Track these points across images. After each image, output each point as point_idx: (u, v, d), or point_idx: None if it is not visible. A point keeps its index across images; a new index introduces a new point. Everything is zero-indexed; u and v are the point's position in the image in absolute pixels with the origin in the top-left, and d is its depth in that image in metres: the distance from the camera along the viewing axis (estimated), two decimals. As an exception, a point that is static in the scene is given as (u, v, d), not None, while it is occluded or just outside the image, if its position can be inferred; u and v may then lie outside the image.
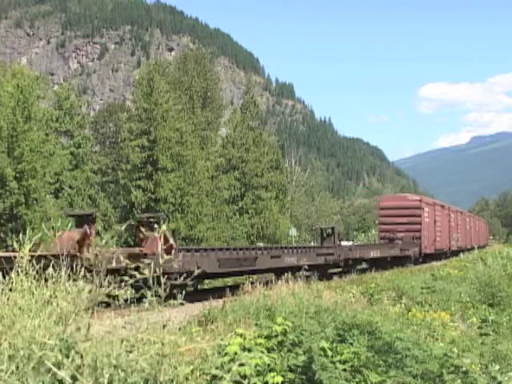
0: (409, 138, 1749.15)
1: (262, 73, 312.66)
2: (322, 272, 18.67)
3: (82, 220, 11.81)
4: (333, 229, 23.52)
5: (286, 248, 19.08)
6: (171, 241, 12.95)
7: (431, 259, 32.96)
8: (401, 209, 33.50)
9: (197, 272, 4.15)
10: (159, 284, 2.52)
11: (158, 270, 2.73)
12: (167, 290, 3.21)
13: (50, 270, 3.01)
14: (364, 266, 23.54)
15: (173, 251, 12.53)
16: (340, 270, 21.44)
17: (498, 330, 10.15)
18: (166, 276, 2.68)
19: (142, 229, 12.55)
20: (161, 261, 2.87)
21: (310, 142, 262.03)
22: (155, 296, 2.51)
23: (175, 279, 5.89)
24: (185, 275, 3.91)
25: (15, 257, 3.23)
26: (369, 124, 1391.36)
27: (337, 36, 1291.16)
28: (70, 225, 8.26)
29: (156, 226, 10.96)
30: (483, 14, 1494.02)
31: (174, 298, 2.80)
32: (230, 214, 42.16)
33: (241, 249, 16.80)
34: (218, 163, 43.37)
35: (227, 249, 16.43)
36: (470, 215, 56.98)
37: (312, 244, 48.36)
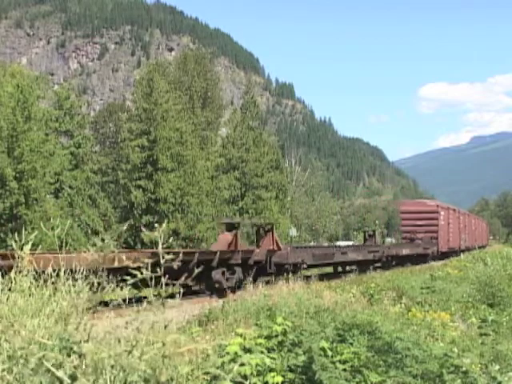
0: (409, 138, 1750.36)
1: (262, 73, 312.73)
2: (370, 266, 23.17)
3: (230, 226, 16.32)
4: (374, 231, 30.03)
5: (348, 247, 25.67)
6: (278, 241, 17.67)
7: (446, 257, 36.71)
8: (420, 213, 38.50)
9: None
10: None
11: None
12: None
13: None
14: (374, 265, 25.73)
15: (282, 247, 17.60)
16: (379, 264, 25.26)
17: (498, 329, 10.15)
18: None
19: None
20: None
21: (310, 142, 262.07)
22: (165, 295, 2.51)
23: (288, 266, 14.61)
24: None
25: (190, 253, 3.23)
26: (369, 124, 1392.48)
27: (337, 36, 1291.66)
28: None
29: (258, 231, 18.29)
30: (483, 14, 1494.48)
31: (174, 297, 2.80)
32: (230, 214, 42.14)
33: (324, 247, 25.06)
34: (218, 163, 43.35)
35: (316, 247, 24.45)
36: (475, 217, 61.84)
37: (312, 244, 49.03)
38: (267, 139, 52.01)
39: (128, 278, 2.40)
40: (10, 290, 3.13)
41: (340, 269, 22.99)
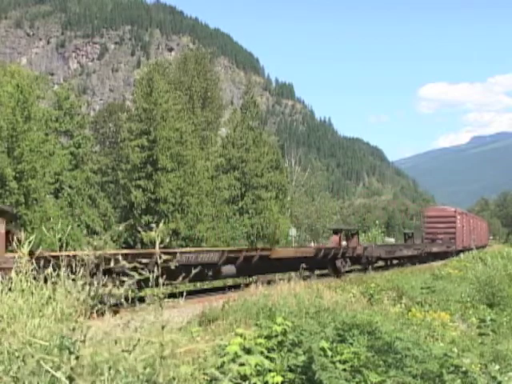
0: (409, 138, 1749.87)
1: (261, 73, 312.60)
2: (414, 261, 31.13)
3: (336, 231, 24.41)
4: (412, 233, 39.78)
5: (403, 245, 34.01)
6: (359, 241, 25.97)
7: (461, 253, 41.78)
8: (441, 217, 47.07)
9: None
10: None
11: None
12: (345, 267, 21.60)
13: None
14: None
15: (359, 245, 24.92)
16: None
17: (498, 330, 10.15)
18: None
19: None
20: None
21: (310, 142, 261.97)
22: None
23: (371, 258, 24.55)
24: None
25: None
26: (369, 124, 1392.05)
27: (337, 36, 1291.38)
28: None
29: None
30: (483, 14, 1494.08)
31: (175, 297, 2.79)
32: (229, 213, 42.13)
33: (389, 245, 34.01)
34: (218, 163, 43.33)
35: (385, 245, 32.95)
36: (479, 218, 69.59)
37: (312, 244, 49.16)
38: (267, 139, 51.99)
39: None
40: (10, 289, 3.12)
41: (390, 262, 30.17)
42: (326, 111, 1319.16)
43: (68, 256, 3.34)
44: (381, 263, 27.73)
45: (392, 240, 66.03)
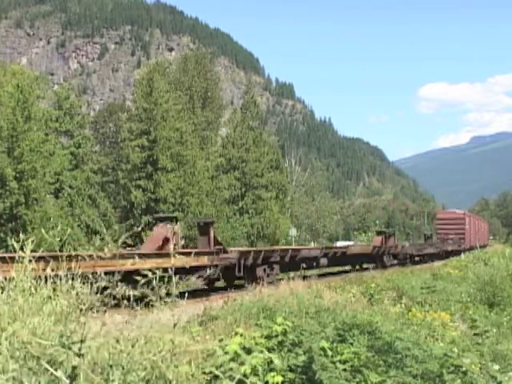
0: (409, 138, 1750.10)
1: (262, 73, 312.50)
2: (433, 258, 36.15)
3: (380, 233, 29.96)
4: (431, 234, 46.25)
5: (427, 244, 38.79)
6: (395, 240, 31.32)
7: (469, 251, 46.35)
8: (451, 219, 53.97)
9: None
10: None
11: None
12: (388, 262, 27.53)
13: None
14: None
15: (398, 245, 30.72)
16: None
17: (499, 329, 10.15)
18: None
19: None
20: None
21: (310, 142, 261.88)
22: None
23: (407, 255, 31.29)
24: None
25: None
26: (369, 124, 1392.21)
27: (337, 36, 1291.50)
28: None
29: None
30: (483, 13, 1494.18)
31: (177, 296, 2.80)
32: (230, 213, 42.13)
33: (419, 244, 39.13)
34: (218, 163, 43.34)
35: (416, 244, 38.87)
36: (481, 220, 75.54)
37: (312, 244, 49.27)
38: (267, 139, 52.01)
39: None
40: (10, 289, 3.12)
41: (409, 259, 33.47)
42: (326, 111, 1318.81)
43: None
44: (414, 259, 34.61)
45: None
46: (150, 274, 2.36)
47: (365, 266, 26.04)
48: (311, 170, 71.61)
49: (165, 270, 2.82)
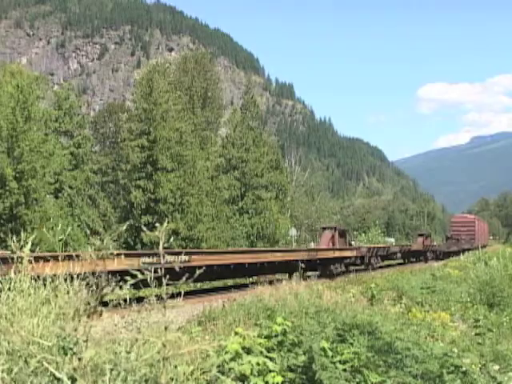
0: (409, 138, 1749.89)
1: (261, 73, 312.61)
2: (456, 254, 42.27)
3: (421, 235, 39.05)
4: (451, 235, 54.84)
5: (452, 244, 45.50)
6: (431, 240, 40.63)
7: (483, 247, 53.00)
8: (464, 222, 66.82)
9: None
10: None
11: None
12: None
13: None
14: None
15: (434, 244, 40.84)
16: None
17: (498, 329, 10.14)
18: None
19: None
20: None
21: (310, 142, 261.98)
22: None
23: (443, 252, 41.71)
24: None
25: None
26: (368, 124, 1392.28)
27: (337, 36, 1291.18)
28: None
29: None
30: (483, 14, 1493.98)
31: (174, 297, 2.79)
32: (229, 214, 42.13)
33: (450, 243, 46.38)
34: (217, 163, 43.34)
35: (446, 243, 45.40)
36: (483, 221, 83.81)
37: (312, 244, 49.29)
38: (267, 139, 52.03)
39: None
40: (9, 289, 3.12)
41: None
42: (326, 111, 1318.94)
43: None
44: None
45: (392, 240, 66.14)
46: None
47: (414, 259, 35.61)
48: (311, 170, 71.67)
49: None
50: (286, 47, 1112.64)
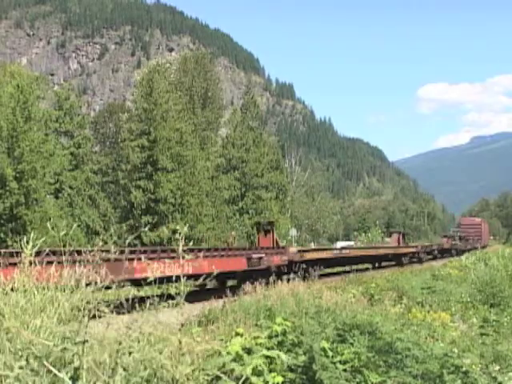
0: (409, 138, 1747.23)
1: (261, 73, 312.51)
2: (468, 251, 50.10)
3: (445, 236, 56.40)
4: (464, 236, 62.29)
5: (467, 242, 57.56)
6: (450, 240, 52.56)
7: (483, 248, 62.74)
8: (471, 225, 78.88)
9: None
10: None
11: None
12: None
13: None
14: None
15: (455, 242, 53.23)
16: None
17: (499, 330, 10.15)
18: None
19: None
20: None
21: (310, 142, 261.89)
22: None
23: (456, 250, 51.47)
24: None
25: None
26: (368, 124, 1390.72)
27: (337, 36, 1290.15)
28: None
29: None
30: (483, 14, 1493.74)
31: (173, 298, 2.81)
32: (230, 214, 42.14)
33: (465, 241, 58.92)
34: (218, 163, 43.34)
35: (464, 243, 57.61)
36: (484, 222, 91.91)
37: (312, 244, 49.28)
38: (267, 139, 52.05)
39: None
40: (12, 289, 3.13)
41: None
42: (326, 111, 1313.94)
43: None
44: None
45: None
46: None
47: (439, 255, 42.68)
48: (311, 170, 71.65)
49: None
50: (286, 47, 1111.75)
